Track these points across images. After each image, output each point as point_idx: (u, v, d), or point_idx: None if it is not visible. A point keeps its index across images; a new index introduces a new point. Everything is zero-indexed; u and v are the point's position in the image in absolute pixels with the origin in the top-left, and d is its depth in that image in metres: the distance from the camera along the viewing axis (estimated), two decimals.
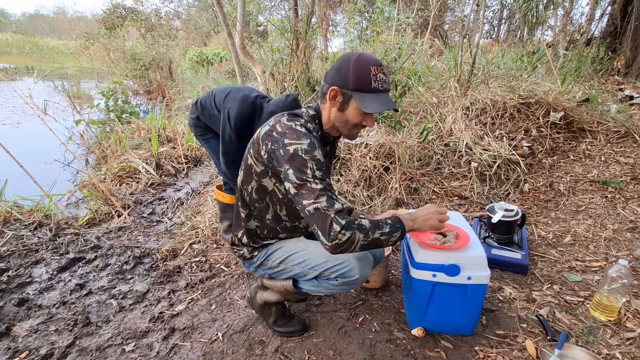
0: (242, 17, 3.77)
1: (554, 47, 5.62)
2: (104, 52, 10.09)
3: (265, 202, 1.29)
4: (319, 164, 1.11)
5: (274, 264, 1.35)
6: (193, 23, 15.74)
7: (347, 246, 1.06)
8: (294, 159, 1.10)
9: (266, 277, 1.45)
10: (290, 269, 1.33)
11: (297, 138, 1.12)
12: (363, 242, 1.08)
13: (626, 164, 2.72)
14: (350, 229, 1.05)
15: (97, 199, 2.81)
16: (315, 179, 1.08)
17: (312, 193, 1.06)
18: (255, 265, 1.40)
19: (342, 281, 1.26)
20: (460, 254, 1.35)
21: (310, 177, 1.08)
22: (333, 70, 1.20)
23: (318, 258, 1.27)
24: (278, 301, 1.47)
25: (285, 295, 1.41)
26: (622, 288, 1.46)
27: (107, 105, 5.27)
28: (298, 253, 1.31)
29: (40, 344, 1.50)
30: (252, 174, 1.25)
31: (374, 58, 1.17)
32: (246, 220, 1.34)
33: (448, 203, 2.55)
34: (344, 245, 1.05)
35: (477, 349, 1.40)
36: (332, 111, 1.23)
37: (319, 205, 1.05)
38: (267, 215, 1.31)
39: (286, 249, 1.33)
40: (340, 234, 1.04)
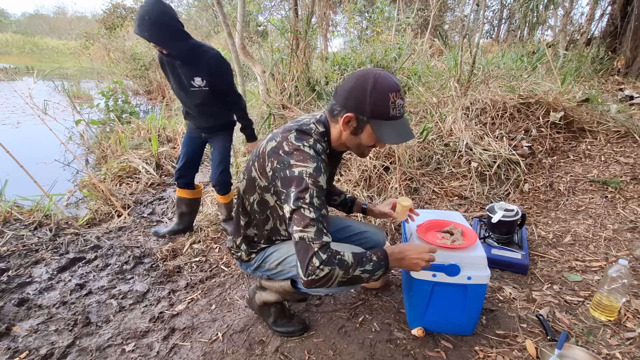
0: (242, 17, 3.77)
1: (554, 47, 5.63)
2: (104, 52, 10.09)
3: (265, 215, 1.29)
4: (319, 192, 1.06)
5: (272, 266, 1.35)
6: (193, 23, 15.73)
7: (323, 282, 1.01)
8: (297, 182, 1.05)
9: (264, 278, 1.45)
10: (288, 270, 1.32)
11: (304, 160, 1.07)
12: (342, 279, 1.03)
13: (626, 164, 2.72)
14: (330, 264, 1.00)
15: (97, 199, 2.81)
16: (311, 206, 1.03)
17: (302, 220, 1.02)
18: (252, 268, 1.40)
19: None
20: (460, 254, 1.35)
21: (307, 204, 1.03)
22: (346, 92, 1.12)
23: None
24: (277, 301, 1.47)
25: (284, 295, 1.41)
26: (622, 288, 1.46)
27: (107, 105, 5.26)
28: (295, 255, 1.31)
29: (40, 344, 1.50)
30: (255, 187, 1.23)
31: (392, 81, 1.09)
32: (245, 228, 1.35)
33: (448, 203, 2.55)
34: (320, 281, 1.01)
35: (477, 349, 1.40)
36: (344, 134, 1.18)
37: (305, 235, 1.01)
38: (266, 226, 1.32)
39: (284, 251, 1.33)
40: (319, 269, 0.99)
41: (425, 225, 1.50)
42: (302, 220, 1.02)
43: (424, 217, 1.57)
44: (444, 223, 1.51)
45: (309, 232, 1.02)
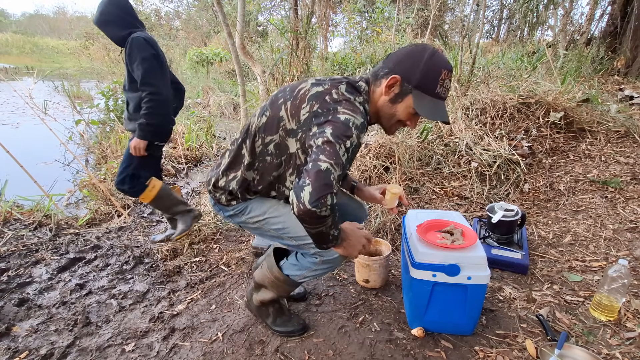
0: (242, 17, 3.77)
1: (554, 47, 5.62)
2: (104, 52, 10.10)
3: (279, 161, 1.19)
4: (356, 147, 1.02)
5: (250, 220, 1.30)
6: (193, 23, 15.74)
7: (316, 221, 0.99)
8: (341, 126, 0.99)
9: (255, 272, 1.47)
10: (267, 230, 1.29)
11: (353, 112, 1.02)
12: (325, 230, 1.03)
13: (626, 164, 2.72)
14: (333, 211, 0.99)
15: (97, 199, 2.81)
16: (346, 153, 0.98)
17: (334, 156, 0.96)
18: (228, 214, 1.33)
19: (320, 259, 1.25)
20: (460, 253, 1.35)
21: (344, 148, 0.98)
22: (398, 57, 1.09)
23: (299, 229, 1.21)
24: (273, 299, 1.47)
25: (277, 287, 1.40)
26: (622, 288, 1.46)
27: (107, 105, 5.25)
28: (279, 218, 1.27)
29: (40, 344, 1.50)
30: (279, 128, 1.14)
31: (447, 61, 1.08)
32: (246, 169, 1.23)
33: (448, 203, 2.55)
34: (316, 218, 0.97)
35: (477, 349, 1.40)
36: (383, 99, 1.13)
37: (332, 169, 0.95)
38: (274, 172, 1.21)
39: (267, 210, 1.27)
40: (326, 208, 0.95)
41: (425, 225, 1.50)
42: (334, 156, 0.97)
43: (424, 217, 1.57)
44: (444, 223, 1.51)
45: (335, 170, 0.96)
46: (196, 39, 14.57)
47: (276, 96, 1.19)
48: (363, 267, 1.75)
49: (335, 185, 0.96)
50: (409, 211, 1.67)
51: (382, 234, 2.19)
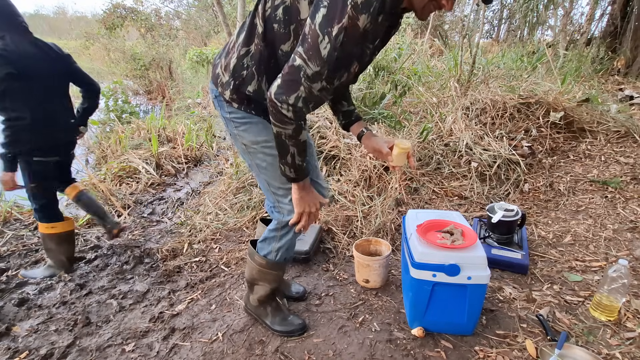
0: (242, 17, 3.77)
1: (554, 47, 5.63)
2: (104, 52, 10.09)
3: (287, 30, 1.00)
4: (357, 37, 0.86)
5: (241, 139, 1.19)
6: (193, 23, 15.73)
7: (278, 117, 0.94)
8: (335, 3, 0.83)
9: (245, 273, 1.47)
10: (251, 158, 1.22)
11: None
12: (285, 137, 0.98)
13: (626, 164, 2.72)
14: (299, 118, 0.94)
15: (97, 199, 2.81)
16: (335, 44, 0.85)
17: (310, 51, 0.86)
18: (225, 114, 1.19)
19: (279, 221, 1.29)
20: (460, 254, 1.35)
21: (328, 39, 0.84)
22: None
23: (277, 176, 1.18)
24: (267, 294, 1.48)
25: (264, 275, 1.42)
26: (622, 288, 1.46)
27: (107, 105, 5.26)
28: (268, 157, 1.19)
29: (40, 344, 1.50)
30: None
31: None
32: (262, 39, 1.03)
33: (448, 203, 2.55)
34: (278, 113, 0.93)
35: (477, 349, 1.40)
36: None
37: (303, 68, 0.88)
38: (282, 45, 1.02)
39: (263, 141, 1.17)
40: (287, 106, 0.91)
41: (425, 225, 1.50)
42: (311, 50, 0.86)
43: (424, 217, 1.57)
44: (444, 223, 1.51)
45: (308, 66, 0.88)
46: (196, 39, 14.55)
47: None
48: (363, 267, 1.75)
49: (304, 85, 0.89)
50: (409, 211, 1.67)
51: (382, 234, 2.19)
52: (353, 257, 1.82)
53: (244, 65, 1.08)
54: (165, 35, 13.42)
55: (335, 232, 2.21)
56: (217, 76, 1.16)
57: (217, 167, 3.68)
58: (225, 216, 2.54)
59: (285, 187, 1.23)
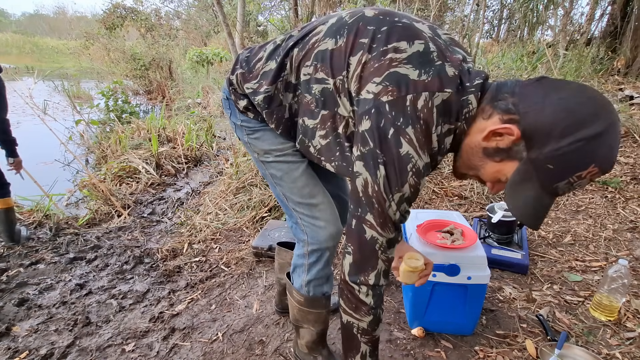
0: (242, 17, 3.77)
1: (554, 47, 5.62)
2: (104, 52, 10.09)
3: (317, 111, 0.87)
4: (413, 196, 0.76)
5: (253, 147, 1.06)
6: (193, 23, 15.74)
7: (352, 304, 0.81)
8: (397, 166, 0.71)
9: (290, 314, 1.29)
10: (264, 168, 1.08)
11: (422, 146, 0.71)
12: (362, 329, 0.83)
13: (626, 164, 2.72)
14: (379, 303, 0.82)
15: (97, 199, 2.81)
16: (399, 208, 0.75)
17: (381, 217, 0.75)
18: (234, 120, 1.06)
19: (306, 245, 1.09)
20: (460, 254, 1.35)
21: (395, 203, 0.74)
22: (547, 101, 0.65)
23: (294, 188, 1.05)
24: (314, 339, 1.28)
25: (307, 316, 1.21)
26: (622, 288, 1.46)
27: (107, 105, 5.27)
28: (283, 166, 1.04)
29: (40, 344, 1.50)
30: (340, 72, 0.80)
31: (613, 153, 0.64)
32: (284, 88, 0.91)
33: (448, 203, 2.55)
34: (354, 299, 0.81)
35: (477, 349, 1.40)
36: (476, 140, 0.74)
37: (380, 239, 0.77)
38: (306, 119, 0.90)
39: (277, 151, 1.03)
40: (367, 289, 0.80)
41: (425, 225, 1.50)
42: (382, 217, 0.75)
43: (424, 217, 1.57)
44: (444, 223, 1.51)
45: (384, 236, 0.77)
46: (196, 39, 14.56)
47: (365, 25, 0.79)
48: None
49: (382, 258, 0.78)
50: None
51: None
52: None
53: (255, 101, 0.96)
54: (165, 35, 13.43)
55: None
56: (232, 83, 1.01)
57: (217, 167, 3.68)
58: (225, 216, 2.54)
59: (308, 202, 1.05)
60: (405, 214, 0.78)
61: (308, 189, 1.05)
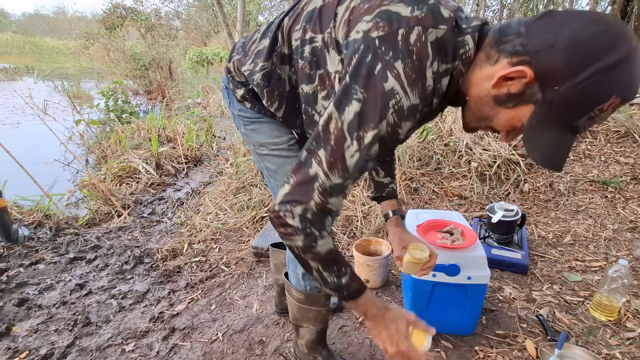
0: (242, 17, 3.77)
1: None
2: (104, 52, 10.09)
3: (313, 73, 0.84)
4: (387, 140, 0.69)
5: (250, 138, 1.06)
6: (193, 23, 15.74)
7: (279, 229, 0.73)
8: (375, 102, 0.65)
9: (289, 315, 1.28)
10: (259, 159, 1.09)
11: (411, 84, 0.65)
12: (296, 248, 0.75)
13: (626, 164, 2.72)
14: (303, 227, 0.71)
15: (97, 199, 2.81)
16: (360, 150, 0.67)
17: (333, 155, 0.68)
18: (233, 109, 1.05)
19: None
20: (460, 253, 1.35)
21: (357, 145, 0.67)
22: (560, 35, 0.59)
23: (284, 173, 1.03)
24: (314, 338, 1.28)
25: (306, 314, 1.21)
26: (622, 288, 1.46)
27: (107, 105, 5.27)
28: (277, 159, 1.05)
29: (40, 344, 1.50)
30: (327, 25, 0.78)
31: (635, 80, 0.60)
32: (280, 61, 0.89)
33: (448, 203, 2.55)
34: (279, 225, 0.72)
35: (477, 349, 1.40)
36: (485, 89, 0.69)
37: (321, 177, 0.69)
38: (304, 86, 0.88)
39: (272, 144, 1.04)
40: (293, 217, 0.70)
41: (425, 225, 1.50)
42: (333, 155, 0.68)
43: (424, 217, 1.57)
44: (444, 223, 1.51)
45: (328, 179, 0.69)
46: (196, 39, 14.56)
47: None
48: (363, 267, 1.75)
49: (316, 200, 0.69)
50: (409, 211, 1.67)
51: (382, 234, 2.19)
52: (353, 257, 1.82)
53: (254, 81, 0.93)
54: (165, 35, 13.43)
55: (335, 232, 2.21)
56: (230, 71, 1.00)
57: (217, 167, 3.68)
58: (225, 216, 2.54)
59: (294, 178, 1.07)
60: (368, 161, 0.69)
61: None
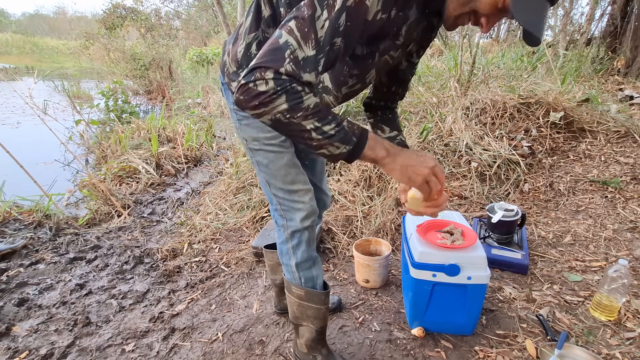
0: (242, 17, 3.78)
1: (554, 47, 5.62)
2: (104, 52, 10.09)
3: None
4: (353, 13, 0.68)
5: (243, 132, 1.08)
6: (193, 23, 15.74)
7: (253, 100, 0.66)
8: None
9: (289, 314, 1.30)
10: (251, 154, 1.12)
11: None
12: (281, 115, 0.67)
13: (626, 164, 2.72)
14: (282, 85, 0.65)
15: (97, 199, 2.81)
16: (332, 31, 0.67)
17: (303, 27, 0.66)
18: (231, 103, 1.06)
19: (285, 229, 1.14)
20: (460, 253, 1.35)
21: (327, 14, 0.66)
22: None
23: (278, 175, 1.09)
24: (313, 337, 1.28)
25: (306, 311, 1.22)
26: (622, 288, 1.46)
27: (107, 105, 5.27)
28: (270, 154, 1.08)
29: (40, 344, 1.50)
30: None
31: None
32: (267, 25, 0.91)
33: (448, 203, 2.55)
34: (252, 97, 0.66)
35: (477, 349, 1.40)
36: None
37: (291, 46, 0.66)
38: None
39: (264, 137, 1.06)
40: (263, 82, 0.64)
41: (425, 225, 1.50)
42: (304, 25, 0.66)
43: (424, 217, 1.57)
44: (444, 223, 1.51)
45: (300, 49, 0.66)
46: (196, 39, 14.56)
47: None
48: (363, 267, 1.75)
49: (288, 68, 0.65)
50: None
51: (382, 234, 2.19)
52: (353, 257, 1.82)
53: (251, 56, 0.95)
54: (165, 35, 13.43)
55: (335, 232, 2.21)
56: (224, 64, 1.04)
57: (217, 167, 3.68)
58: (225, 216, 2.54)
59: (288, 189, 1.10)
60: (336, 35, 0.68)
61: (290, 177, 1.11)
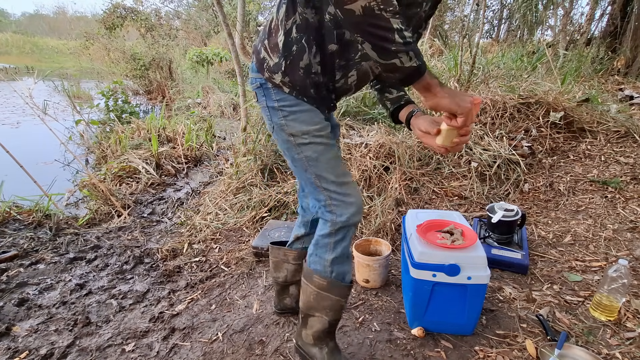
0: (242, 17, 3.77)
1: (554, 47, 5.63)
2: (104, 52, 10.08)
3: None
4: None
5: (293, 130, 1.05)
6: (193, 23, 15.73)
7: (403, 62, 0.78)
8: None
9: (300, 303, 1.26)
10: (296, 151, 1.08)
11: None
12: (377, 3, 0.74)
13: (626, 164, 2.72)
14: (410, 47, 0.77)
15: (97, 199, 2.81)
16: None
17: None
18: (273, 101, 1.06)
19: (332, 224, 1.11)
20: (460, 253, 1.35)
21: None
22: None
23: (330, 168, 1.08)
24: (325, 328, 1.24)
25: (324, 302, 1.19)
26: (622, 288, 1.46)
27: (107, 105, 5.27)
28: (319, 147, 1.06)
29: (40, 344, 1.50)
30: None
31: None
32: (304, 5, 0.94)
33: (448, 203, 2.55)
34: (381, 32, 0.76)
35: (477, 349, 1.40)
36: None
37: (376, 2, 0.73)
38: (330, 8, 0.93)
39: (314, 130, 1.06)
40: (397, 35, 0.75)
41: (425, 225, 1.50)
42: None
43: (424, 217, 1.57)
44: (444, 223, 1.51)
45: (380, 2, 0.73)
46: (196, 39, 14.54)
47: None
48: (363, 267, 1.75)
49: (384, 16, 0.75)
50: (409, 211, 1.67)
51: (382, 234, 2.19)
52: (353, 257, 1.82)
53: (292, 40, 0.97)
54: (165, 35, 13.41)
55: None
56: (263, 61, 1.03)
57: (217, 167, 3.68)
58: (225, 216, 2.54)
59: (340, 181, 1.09)
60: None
61: (340, 168, 1.10)
